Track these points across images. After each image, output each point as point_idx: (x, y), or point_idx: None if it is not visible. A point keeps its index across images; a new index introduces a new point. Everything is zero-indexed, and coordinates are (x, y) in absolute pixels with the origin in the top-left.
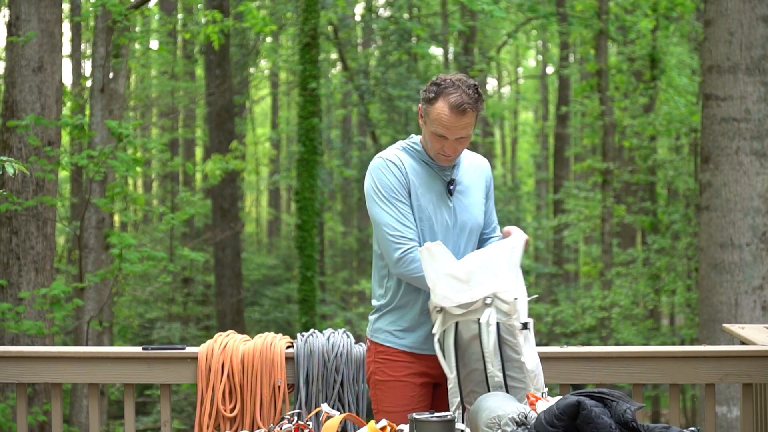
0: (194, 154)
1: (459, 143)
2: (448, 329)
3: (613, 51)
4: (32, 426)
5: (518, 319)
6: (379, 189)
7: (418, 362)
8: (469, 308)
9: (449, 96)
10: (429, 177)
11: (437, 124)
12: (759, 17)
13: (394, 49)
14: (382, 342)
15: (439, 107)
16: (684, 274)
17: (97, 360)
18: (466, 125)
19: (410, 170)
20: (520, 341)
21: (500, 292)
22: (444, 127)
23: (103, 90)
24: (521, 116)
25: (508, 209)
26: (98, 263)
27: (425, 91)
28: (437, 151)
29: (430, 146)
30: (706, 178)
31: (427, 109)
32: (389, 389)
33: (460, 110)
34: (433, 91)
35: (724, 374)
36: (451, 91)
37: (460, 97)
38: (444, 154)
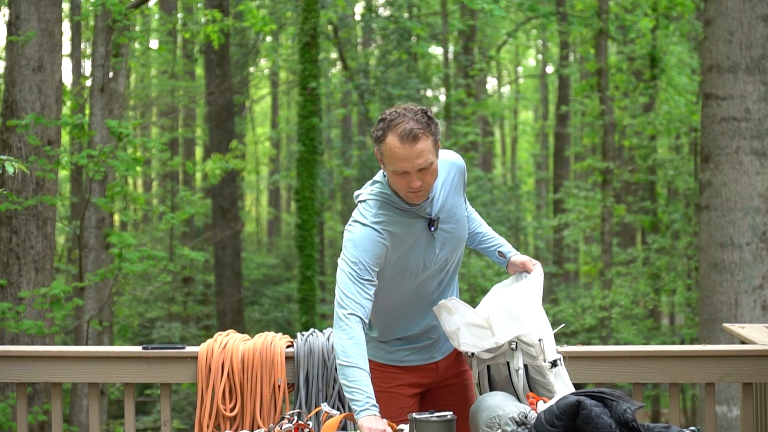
0: (194, 153)
1: (424, 174)
2: (482, 372)
3: (613, 50)
4: (32, 425)
5: (545, 359)
6: (348, 261)
7: (407, 374)
8: (496, 352)
9: (396, 127)
10: (408, 223)
11: (393, 160)
12: (759, 17)
13: (394, 48)
14: (371, 357)
15: (390, 142)
16: (684, 274)
17: (97, 359)
18: (421, 152)
19: (392, 231)
20: (550, 380)
21: (524, 336)
22: (400, 161)
23: (103, 89)
24: (521, 116)
25: (508, 209)
26: (98, 263)
27: (374, 131)
28: (405, 190)
29: (397, 187)
30: (706, 178)
31: (381, 148)
32: (378, 400)
33: (411, 137)
34: (381, 129)
35: (724, 374)
36: (398, 122)
37: (408, 124)
38: (412, 191)
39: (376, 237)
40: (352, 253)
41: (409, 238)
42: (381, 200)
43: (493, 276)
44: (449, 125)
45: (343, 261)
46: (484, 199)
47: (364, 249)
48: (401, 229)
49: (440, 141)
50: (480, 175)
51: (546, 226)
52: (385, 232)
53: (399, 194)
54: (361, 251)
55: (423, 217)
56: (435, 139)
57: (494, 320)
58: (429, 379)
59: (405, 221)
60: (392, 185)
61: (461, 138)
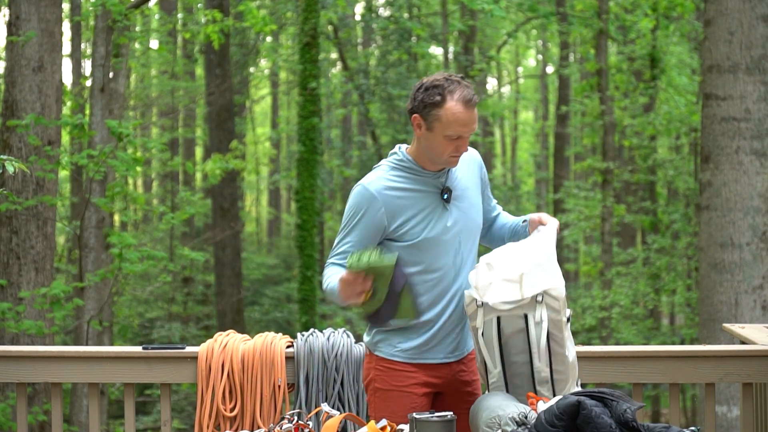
0: (194, 153)
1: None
2: (488, 322)
3: (613, 50)
4: (32, 426)
5: (565, 314)
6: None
7: (421, 372)
8: (517, 304)
9: (455, 93)
10: (421, 191)
11: (454, 124)
12: (759, 17)
13: (394, 48)
14: (384, 355)
15: (452, 107)
16: (684, 274)
17: (97, 359)
18: (476, 118)
19: (395, 194)
20: (565, 335)
21: (552, 290)
22: (461, 125)
23: (103, 89)
24: (521, 116)
25: (508, 209)
26: (98, 263)
27: (427, 96)
28: (449, 154)
29: (440, 152)
30: (706, 178)
31: (435, 113)
32: (389, 399)
33: (471, 104)
34: (437, 94)
35: (724, 374)
36: (455, 88)
37: (466, 91)
38: (456, 155)
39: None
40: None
41: (419, 204)
42: (396, 165)
43: None
44: None
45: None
46: None
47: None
48: (410, 200)
49: None
50: None
51: None
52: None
53: (431, 161)
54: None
55: (436, 187)
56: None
57: (526, 276)
58: (441, 380)
59: (417, 188)
60: (433, 150)
61: None
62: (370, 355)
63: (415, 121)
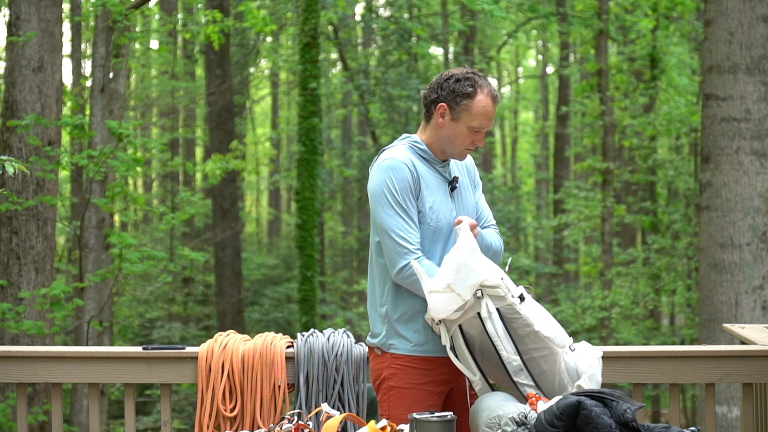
0: (194, 154)
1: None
2: (454, 335)
3: (613, 51)
4: (32, 426)
5: (513, 295)
6: (389, 192)
7: (437, 369)
8: (464, 308)
9: (484, 88)
10: (434, 177)
11: (482, 116)
12: (759, 17)
13: (394, 49)
14: (401, 352)
15: (482, 100)
16: (684, 274)
17: (97, 360)
18: (495, 113)
19: (419, 172)
20: (524, 314)
21: (485, 281)
22: (487, 118)
23: (103, 90)
24: (521, 116)
25: (508, 209)
26: (98, 263)
27: (459, 86)
28: (466, 146)
29: (459, 142)
30: (706, 178)
31: (466, 104)
32: (406, 397)
33: (497, 101)
34: (470, 86)
35: (724, 374)
36: (482, 83)
37: (492, 87)
38: (471, 147)
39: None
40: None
41: (434, 193)
42: (413, 147)
43: None
44: None
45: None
46: None
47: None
48: (427, 181)
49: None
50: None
51: (546, 226)
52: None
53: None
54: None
55: (445, 177)
56: None
57: (454, 283)
58: (452, 375)
59: (430, 173)
60: (453, 141)
61: None
62: (382, 355)
63: (440, 110)
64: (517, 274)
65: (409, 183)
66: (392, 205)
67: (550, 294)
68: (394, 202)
